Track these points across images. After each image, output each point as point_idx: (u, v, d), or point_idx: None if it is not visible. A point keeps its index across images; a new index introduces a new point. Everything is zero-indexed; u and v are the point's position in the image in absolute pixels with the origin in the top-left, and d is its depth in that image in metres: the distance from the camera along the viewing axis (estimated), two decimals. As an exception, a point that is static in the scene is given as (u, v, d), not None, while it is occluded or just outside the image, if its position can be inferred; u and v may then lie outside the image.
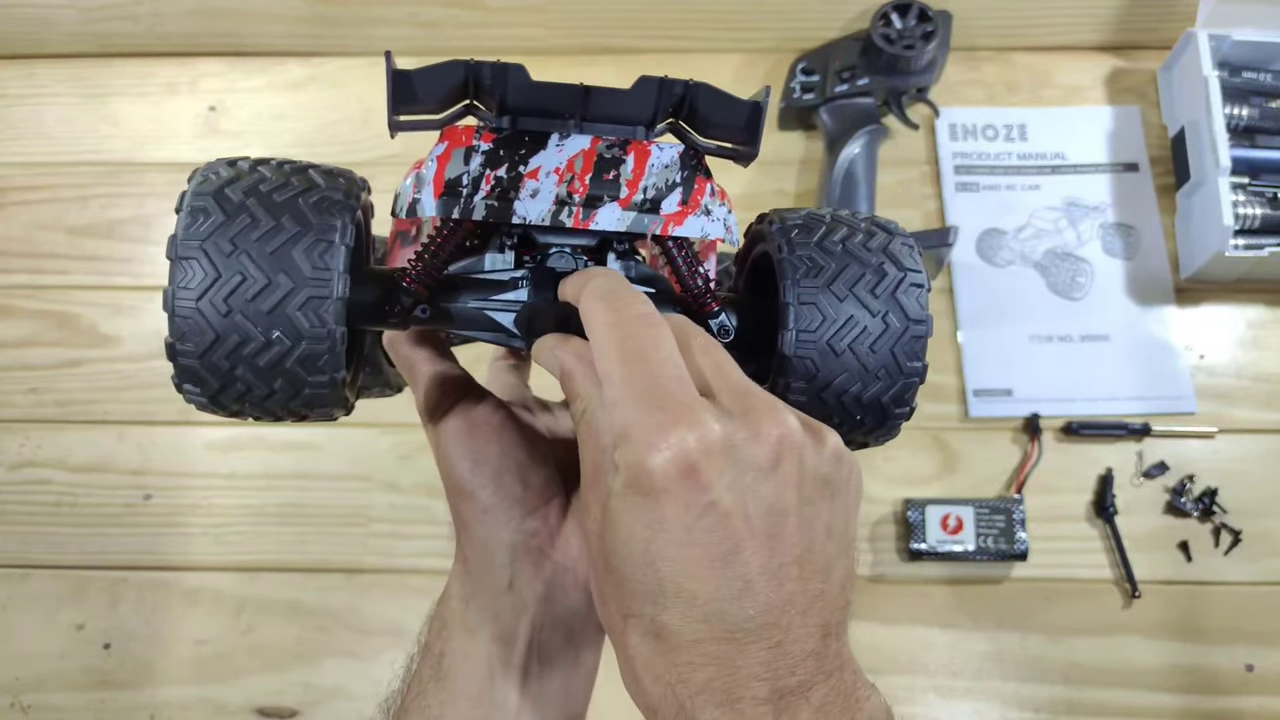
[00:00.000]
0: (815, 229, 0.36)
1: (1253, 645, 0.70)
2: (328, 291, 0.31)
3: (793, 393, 0.34)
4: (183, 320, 0.31)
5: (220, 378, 0.32)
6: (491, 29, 0.87)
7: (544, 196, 0.33)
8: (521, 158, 0.33)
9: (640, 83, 0.32)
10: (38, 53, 0.92)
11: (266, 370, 0.32)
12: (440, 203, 0.32)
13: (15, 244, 0.85)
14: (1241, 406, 0.76)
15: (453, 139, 0.33)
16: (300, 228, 0.31)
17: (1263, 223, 0.75)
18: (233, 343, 0.31)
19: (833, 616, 0.29)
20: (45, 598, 0.74)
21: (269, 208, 0.31)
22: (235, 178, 0.32)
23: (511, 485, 0.38)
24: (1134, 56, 0.88)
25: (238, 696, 0.71)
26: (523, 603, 0.38)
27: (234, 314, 0.31)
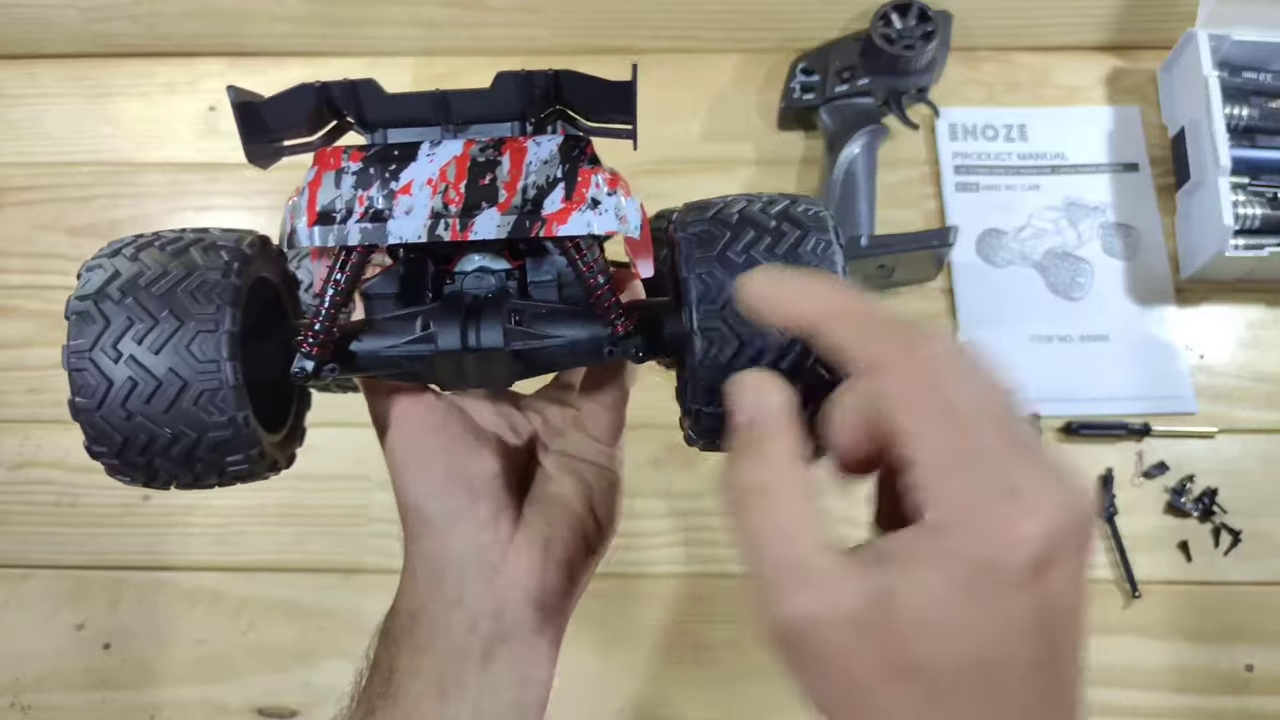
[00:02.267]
0: (712, 206, 0.34)
1: (1253, 645, 0.70)
2: (217, 383, 0.31)
3: (705, 369, 0.32)
4: (90, 427, 0.31)
5: (143, 471, 0.33)
6: (491, 29, 0.87)
7: (418, 212, 0.31)
8: (393, 173, 0.31)
9: (499, 79, 0.31)
10: (38, 53, 0.92)
11: (182, 460, 0.32)
12: (316, 231, 0.31)
13: (15, 244, 0.85)
14: (1241, 406, 0.76)
15: (323, 163, 0.32)
16: (180, 322, 0.31)
17: (1263, 223, 0.75)
18: (141, 442, 0.31)
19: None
20: (45, 598, 0.74)
21: (147, 305, 0.31)
22: (115, 274, 0.32)
23: (459, 498, 0.38)
24: (1134, 56, 0.88)
25: (238, 696, 0.71)
26: (472, 619, 0.37)
27: (135, 417, 0.31)
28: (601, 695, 0.70)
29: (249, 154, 0.31)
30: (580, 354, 0.35)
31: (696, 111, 0.87)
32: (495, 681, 0.37)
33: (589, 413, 0.42)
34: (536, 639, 0.38)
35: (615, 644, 0.72)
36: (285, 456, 0.37)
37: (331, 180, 0.31)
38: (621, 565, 0.73)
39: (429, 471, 0.38)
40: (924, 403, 0.25)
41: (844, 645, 0.25)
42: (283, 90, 0.31)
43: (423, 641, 0.37)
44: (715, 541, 0.74)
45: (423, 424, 0.38)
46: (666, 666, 0.71)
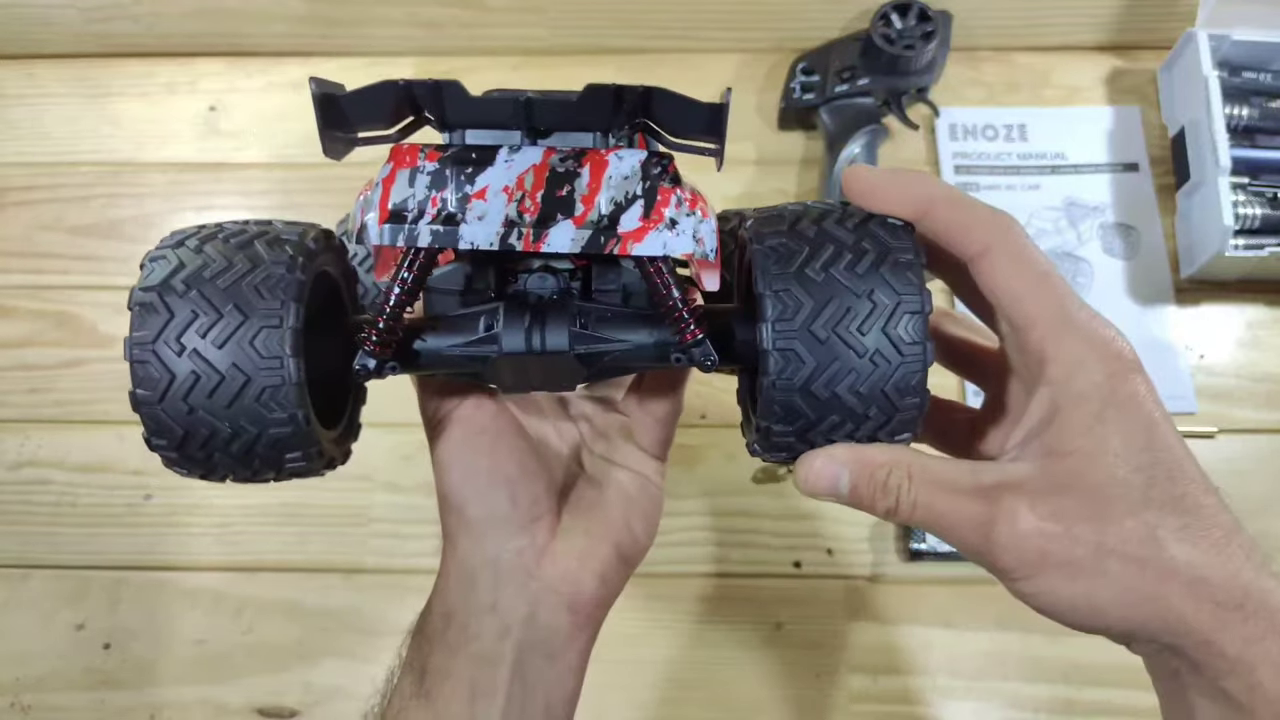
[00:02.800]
0: (786, 217, 0.33)
1: (1253, 645, 0.70)
2: (279, 379, 0.31)
3: (779, 390, 0.31)
4: (151, 420, 0.31)
5: (201, 465, 0.33)
6: (491, 29, 0.87)
7: (492, 218, 0.31)
8: (468, 177, 0.31)
9: (588, 91, 0.30)
10: (38, 53, 0.92)
11: (241, 455, 0.32)
12: (386, 230, 0.31)
13: (15, 244, 0.85)
14: (1241, 406, 0.76)
15: (398, 160, 0.32)
16: (244, 317, 0.31)
17: (1263, 223, 0.75)
18: (202, 436, 0.31)
19: None
20: (45, 598, 0.74)
21: (212, 298, 0.31)
22: (180, 265, 0.32)
23: (499, 501, 0.38)
24: (1134, 56, 0.88)
25: (238, 696, 0.71)
26: (505, 624, 0.37)
27: (196, 411, 0.31)
28: (601, 695, 0.70)
29: (325, 146, 0.31)
30: (647, 359, 0.34)
31: (696, 111, 0.87)
32: (525, 687, 0.37)
33: (640, 423, 0.42)
34: (567, 647, 0.39)
35: (615, 644, 0.71)
36: (342, 453, 0.37)
37: (406, 178, 0.31)
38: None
39: (473, 473, 0.38)
40: (1029, 275, 0.33)
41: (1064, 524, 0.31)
42: (366, 85, 0.30)
43: (455, 644, 0.37)
44: (715, 541, 0.74)
45: (472, 425, 0.38)
46: (666, 666, 0.71)
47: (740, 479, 0.75)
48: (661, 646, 0.71)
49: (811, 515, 0.74)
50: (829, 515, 0.74)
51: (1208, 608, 0.30)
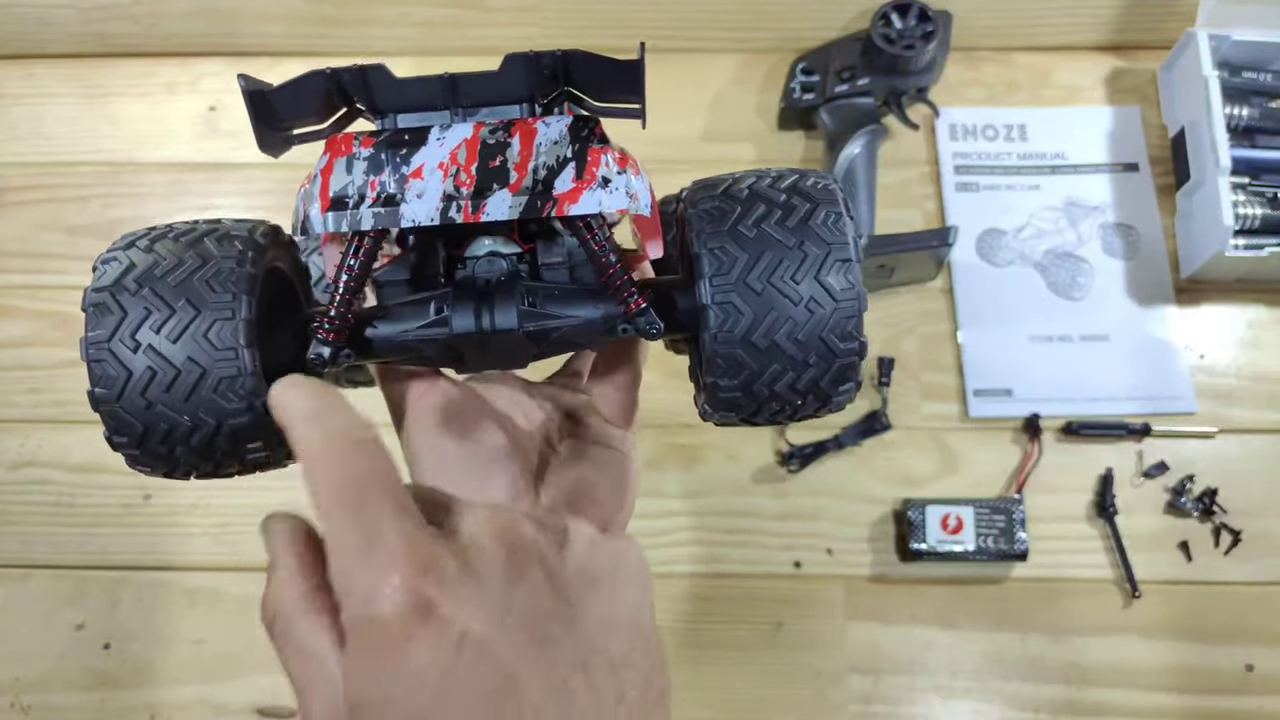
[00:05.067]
0: (721, 183, 0.34)
1: (1253, 645, 0.70)
2: (235, 370, 0.31)
3: (721, 344, 0.32)
4: (110, 418, 0.31)
5: (164, 461, 0.33)
6: (490, 29, 0.87)
7: (430, 195, 0.31)
8: (404, 158, 0.32)
9: (507, 61, 0.31)
10: (38, 53, 0.92)
11: (203, 448, 0.32)
12: (330, 218, 0.31)
13: (15, 244, 0.85)
14: (1241, 406, 0.76)
15: (334, 150, 0.32)
16: (196, 311, 0.31)
17: (1263, 223, 0.75)
18: (162, 431, 0.32)
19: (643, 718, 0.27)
20: (45, 598, 0.74)
21: (164, 295, 0.31)
22: (130, 265, 0.32)
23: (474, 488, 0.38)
24: (1134, 56, 0.88)
25: (238, 696, 0.71)
26: None
27: (155, 406, 0.31)
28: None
29: (261, 142, 0.31)
30: (594, 332, 0.35)
31: (696, 111, 0.87)
32: None
33: (601, 395, 0.42)
34: None
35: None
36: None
37: (343, 166, 0.32)
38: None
39: (444, 459, 0.38)
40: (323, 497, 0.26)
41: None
42: (293, 78, 0.31)
43: None
44: (715, 541, 0.74)
45: (438, 411, 0.38)
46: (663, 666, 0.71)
47: (740, 479, 0.75)
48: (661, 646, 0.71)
49: (811, 515, 0.74)
50: (829, 515, 0.74)
51: None
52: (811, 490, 0.75)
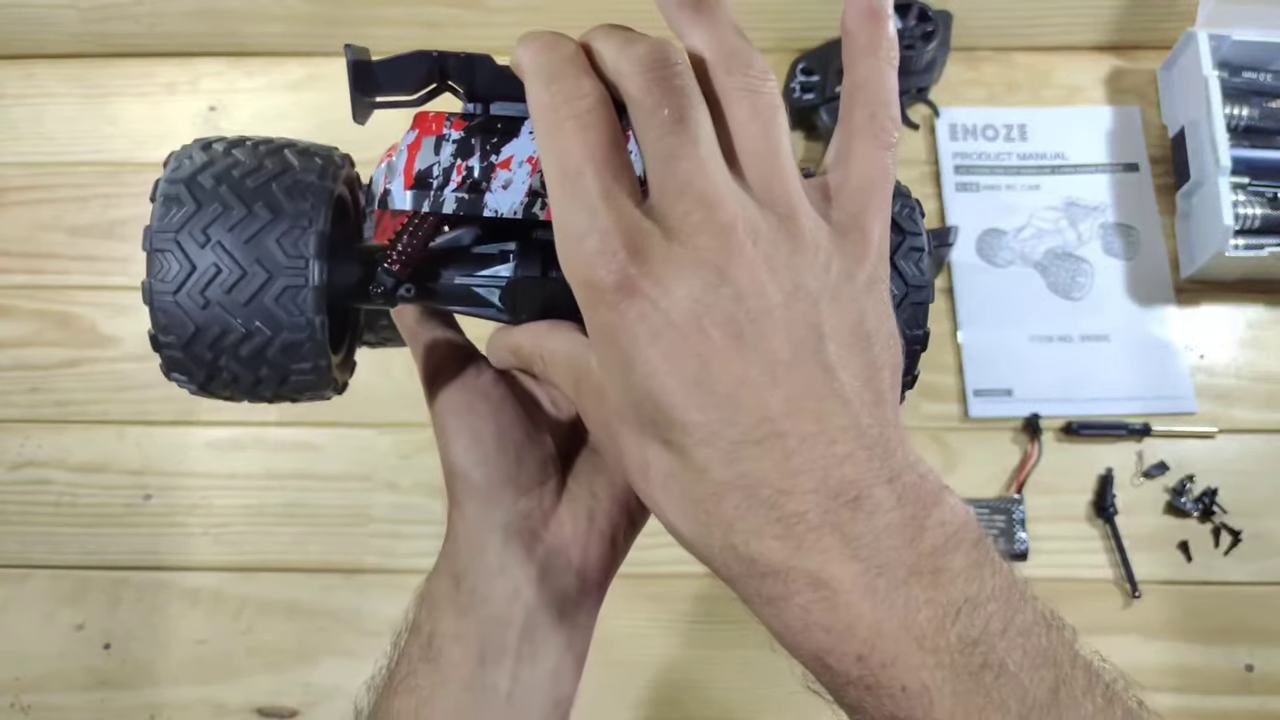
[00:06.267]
0: None
1: (1253, 645, 0.70)
2: (303, 280, 0.31)
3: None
4: (162, 313, 0.31)
5: (205, 368, 0.32)
6: (491, 29, 0.87)
7: (516, 188, 0.31)
8: (494, 146, 0.32)
9: None
10: (38, 53, 0.92)
11: (250, 360, 0.32)
12: (411, 195, 0.31)
13: (15, 244, 0.85)
14: (1241, 406, 0.76)
15: (423, 127, 0.32)
16: (273, 215, 0.31)
17: (1263, 223, 0.75)
18: (213, 334, 0.31)
19: (864, 416, 0.25)
20: (45, 598, 0.74)
21: (241, 195, 0.31)
22: (208, 163, 0.32)
23: (506, 465, 0.38)
24: (1134, 56, 0.88)
25: (238, 696, 0.71)
26: (514, 586, 0.37)
27: (212, 306, 0.31)
28: (602, 694, 0.70)
29: (355, 109, 0.32)
30: None
31: (696, 111, 0.87)
32: (535, 649, 0.38)
33: None
34: (576, 609, 0.39)
35: (615, 644, 0.71)
36: (341, 381, 0.37)
37: (431, 145, 0.32)
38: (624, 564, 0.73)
39: (478, 436, 0.38)
40: (548, 160, 0.27)
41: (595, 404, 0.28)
42: (400, 54, 0.31)
43: (464, 606, 0.37)
44: (715, 541, 0.74)
45: (473, 389, 0.38)
46: (667, 666, 0.71)
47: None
48: (661, 646, 0.71)
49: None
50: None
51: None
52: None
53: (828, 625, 0.26)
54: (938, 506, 0.25)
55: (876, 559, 0.25)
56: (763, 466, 0.25)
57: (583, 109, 0.27)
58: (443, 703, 0.36)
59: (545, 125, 0.28)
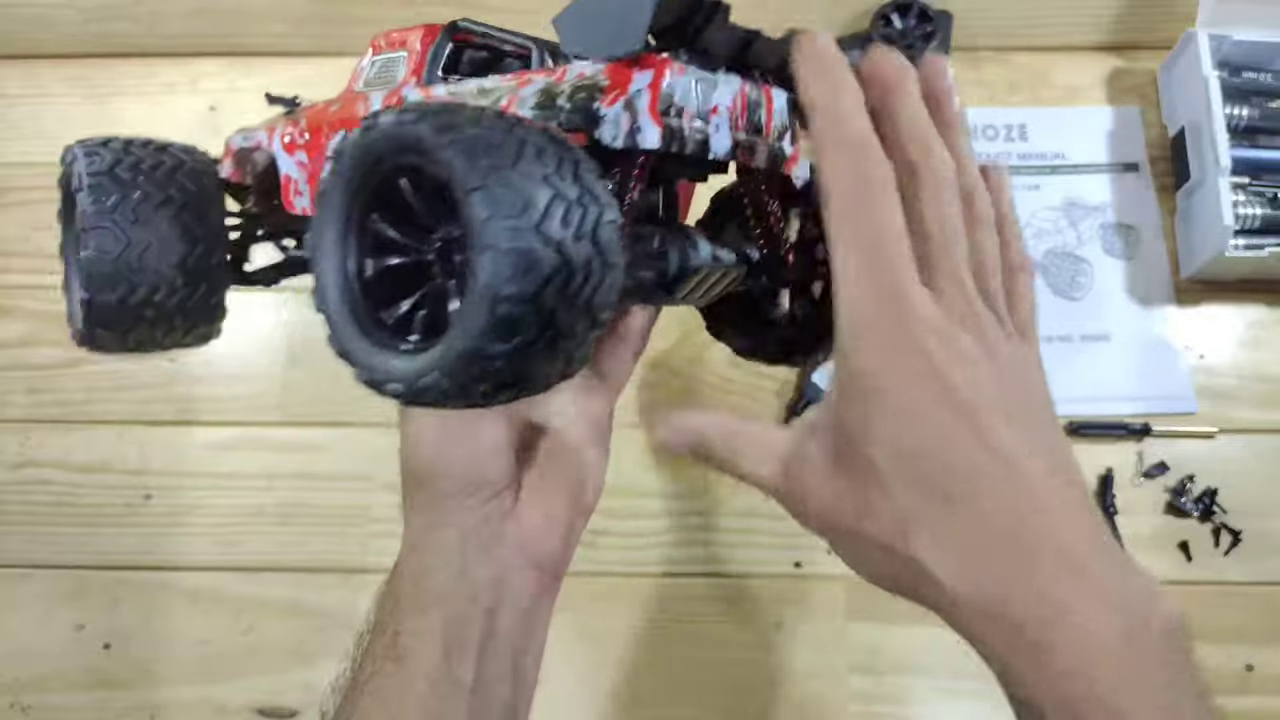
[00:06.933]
0: None
1: (1253, 645, 0.70)
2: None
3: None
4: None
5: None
6: (492, 29, 0.87)
7: (724, 132, 0.33)
8: (705, 94, 0.33)
9: (785, 35, 0.34)
10: (38, 53, 0.92)
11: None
12: (659, 134, 0.31)
13: (15, 244, 0.85)
14: (1241, 406, 0.76)
15: (658, 68, 0.32)
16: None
17: (1263, 223, 0.75)
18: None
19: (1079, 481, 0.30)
20: (45, 598, 0.74)
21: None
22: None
23: (471, 472, 0.39)
24: (1134, 56, 0.88)
25: (238, 696, 0.71)
26: (475, 585, 0.38)
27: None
28: (599, 694, 0.70)
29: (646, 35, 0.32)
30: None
31: (696, 111, 0.87)
32: (497, 643, 0.39)
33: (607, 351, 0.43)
34: (535, 603, 0.40)
35: (612, 644, 0.71)
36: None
37: (667, 84, 0.32)
38: (618, 565, 0.73)
39: (448, 449, 0.38)
40: (844, 235, 0.29)
41: (826, 491, 0.31)
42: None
43: (426, 605, 0.38)
44: (715, 541, 0.74)
45: None
46: (664, 667, 0.71)
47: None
48: (661, 646, 0.71)
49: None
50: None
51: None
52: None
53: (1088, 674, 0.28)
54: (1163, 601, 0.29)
55: (1136, 614, 0.28)
56: (1039, 522, 0.28)
57: (890, 187, 0.29)
58: (410, 699, 0.37)
59: (851, 192, 0.29)
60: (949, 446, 0.28)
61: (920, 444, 0.28)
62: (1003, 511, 0.28)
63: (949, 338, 0.28)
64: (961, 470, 0.28)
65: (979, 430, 0.28)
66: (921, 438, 0.28)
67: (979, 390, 0.28)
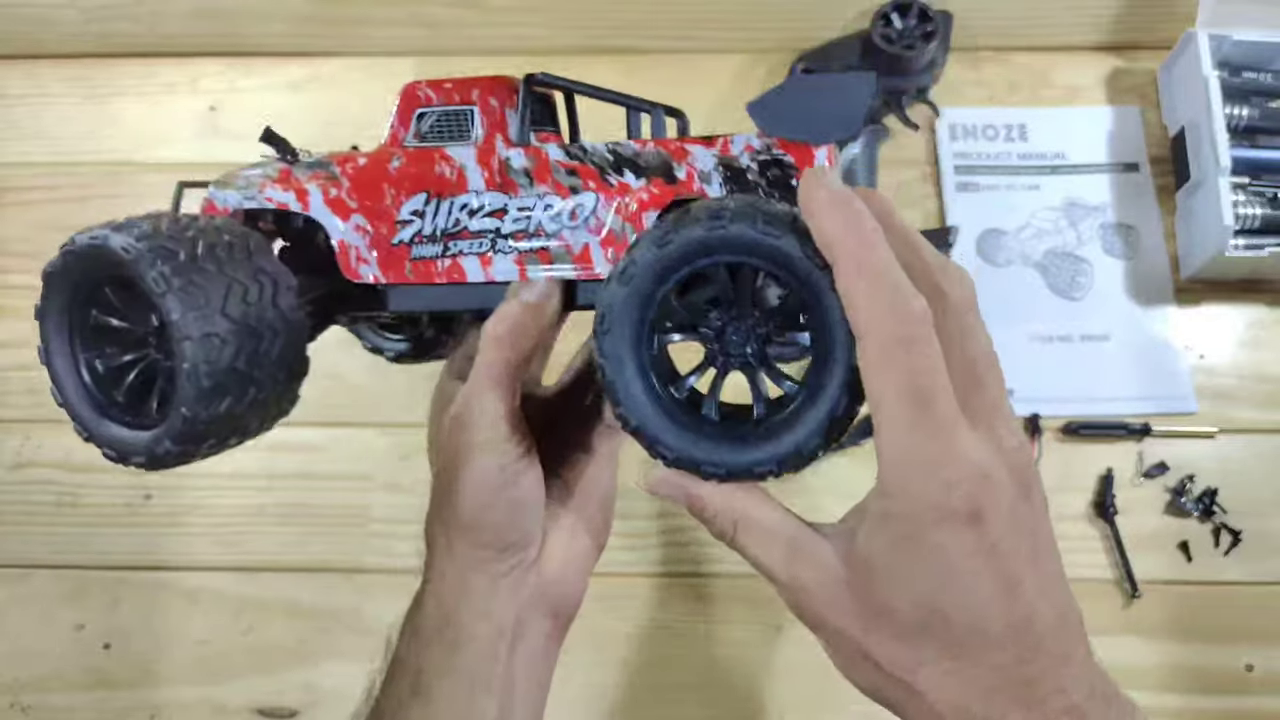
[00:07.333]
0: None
1: (1253, 645, 0.70)
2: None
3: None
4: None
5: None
6: (492, 29, 0.87)
7: None
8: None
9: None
10: (38, 53, 0.92)
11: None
12: None
13: (15, 244, 0.85)
14: (1241, 406, 0.76)
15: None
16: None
17: (1263, 223, 0.75)
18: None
19: (1077, 617, 0.31)
20: (45, 598, 0.74)
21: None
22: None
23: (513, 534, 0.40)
24: (1134, 56, 0.88)
25: (238, 696, 0.71)
26: (500, 627, 0.40)
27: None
28: (602, 695, 0.70)
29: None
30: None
31: (697, 111, 0.86)
32: (515, 676, 0.41)
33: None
34: (550, 640, 0.42)
35: (612, 644, 0.72)
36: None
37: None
38: (618, 565, 0.73)
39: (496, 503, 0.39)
40: (890, 378, 0.28)
41: (830, 599, 0.31)
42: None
43: (452, 644, 0.40)
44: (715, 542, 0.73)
45: (507, 455, 0.39)
46: (664, 667, 0.71)
47: (740, 479, 0.75)
48: (661, 646, 0.71)
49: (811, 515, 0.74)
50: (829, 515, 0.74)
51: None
52: (811, 490, 0.75)
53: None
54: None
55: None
56: (1039, 663, 0.29)
57: (926, 328, 0.29)
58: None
59: (893, 333, 0.28)
60: (978, 608, 0.28)
61: (951, 602, 0.28)
62: (1014, 663, 0.28)
63: (995, 484, 0.28)
64: (986, 630, 0.28)
65: (1009, 586, 0.28)
66: (953, 596, 0.28)
67: (1017, 541, 0.29)
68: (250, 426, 0.37)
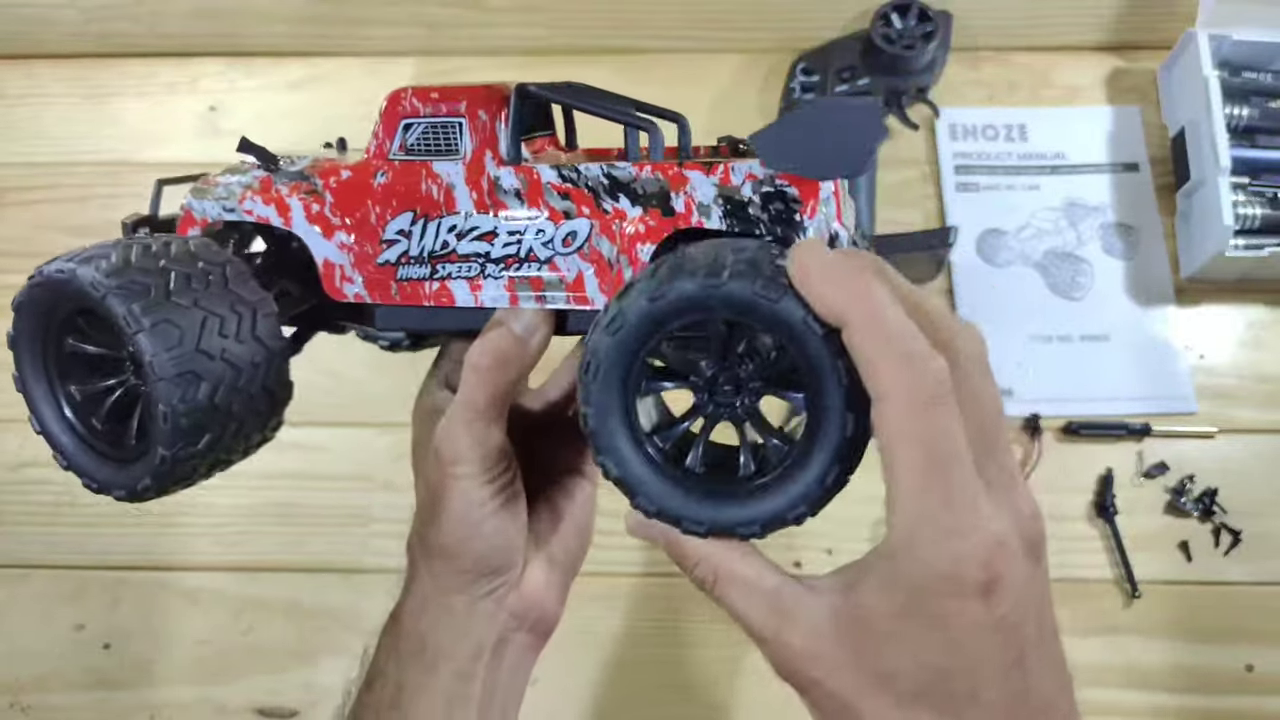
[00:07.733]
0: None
1: (1253, 645, 0.70)
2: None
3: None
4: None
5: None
6: (491, 29, 0.87)
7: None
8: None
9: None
10: (38, 53, 0.92)
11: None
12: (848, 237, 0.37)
13: (15, 244, 0.85)
14: (1241, 406, 0.76)
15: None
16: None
17: (1263, 223, 0.75)
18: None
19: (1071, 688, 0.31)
20: (45, 598, 0.74)
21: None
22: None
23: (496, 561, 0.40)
24: (1134, 56, 0.88)
25: (238, 696, 0.71)
26: (478, 648, 0.40)
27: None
28: (601, 695, 0.70)
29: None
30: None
31: (697, 111, 0.86)
32: (492, 692, 0.41)
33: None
34: (524, 658, 0.43)
35: (611, 644, 0.71)
36: None
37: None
38: (612, 566, 0.73)
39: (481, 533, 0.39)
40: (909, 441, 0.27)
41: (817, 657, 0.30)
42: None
43: (430, 663, 0.40)
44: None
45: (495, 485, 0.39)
46: (662, 667, 0.71)
47: (740, 479, 0.75)
48: (660, 647, 0.71)
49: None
50: (829, 515, 0.74)
51: None
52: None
53: None
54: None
55: None
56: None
57: (947, 390, 0.28)
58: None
59: (912, 399, 0.27)
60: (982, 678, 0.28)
61: (954, 671, 0.28)
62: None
63: (1009, 555, 0.28)
64: (986, 700, 0.28)
65: (1016, 659, 0.28)
66: (957, 665, 0.28)
67: (1026, 613, 0.28)
68: (233, 457, 0.38)
